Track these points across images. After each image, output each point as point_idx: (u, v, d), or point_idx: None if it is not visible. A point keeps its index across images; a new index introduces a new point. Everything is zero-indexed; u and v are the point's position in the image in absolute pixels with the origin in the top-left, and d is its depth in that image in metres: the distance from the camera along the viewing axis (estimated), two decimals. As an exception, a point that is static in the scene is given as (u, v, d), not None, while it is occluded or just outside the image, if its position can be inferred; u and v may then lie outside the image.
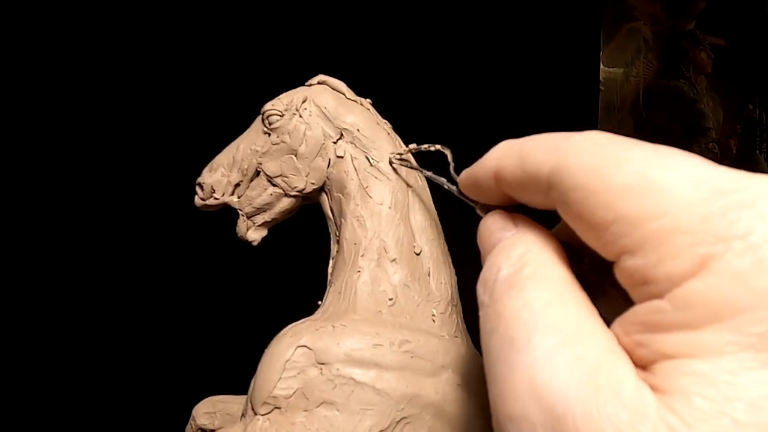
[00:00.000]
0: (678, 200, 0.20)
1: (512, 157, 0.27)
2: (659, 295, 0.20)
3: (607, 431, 0.18)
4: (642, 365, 0.20)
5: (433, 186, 0.47)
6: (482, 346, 0.24)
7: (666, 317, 0.20)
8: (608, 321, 0.22)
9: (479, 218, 0.31)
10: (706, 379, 0.18)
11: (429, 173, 0.44)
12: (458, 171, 0.34)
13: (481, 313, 0.25)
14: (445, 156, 0.41)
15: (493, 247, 0.27)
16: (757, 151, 1.18)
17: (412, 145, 0.46)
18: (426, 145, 0.45)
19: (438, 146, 0.43)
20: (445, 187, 0.39)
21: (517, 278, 0.24)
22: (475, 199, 0.32)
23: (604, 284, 0.23)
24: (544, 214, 0.27)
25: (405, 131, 0.48)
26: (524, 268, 0.24)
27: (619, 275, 0.22)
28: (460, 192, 0.34)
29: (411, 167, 0.46)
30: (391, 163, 0.46)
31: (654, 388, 0.19)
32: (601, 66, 1.15)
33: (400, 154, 0.46)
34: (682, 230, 0.19)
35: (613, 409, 0.19)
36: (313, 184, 0.47)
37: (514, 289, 0.24)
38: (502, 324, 0.23)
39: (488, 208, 0.31)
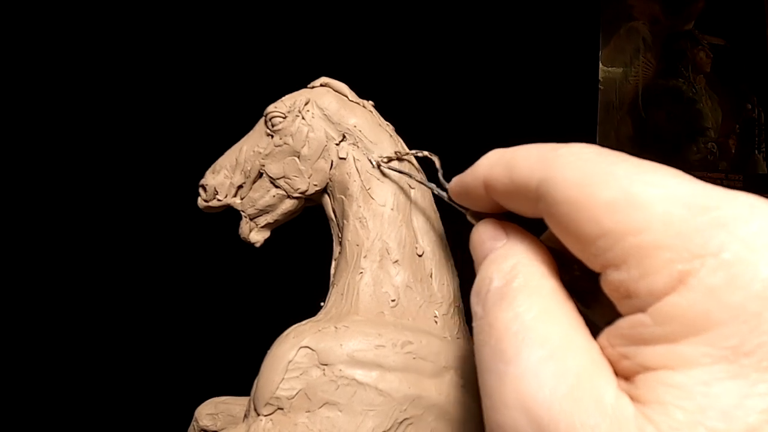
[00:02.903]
0: (659, 216, 0.20)
1: (501, 167, 0.27)
2: (642, 309, 0.21)
3: None
4: (625, 376, 0.21)
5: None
6: (476, 357, 0.25)
7: (647, 331, 0.20)
8: (600, 327, 0.23)
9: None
10: (682, 390, 0.19)
11: (418, 178, 0.44)
12: (449, 175, 0.34)
13: (474, 324, 0.26)
14: (435, 162, 0.42)
15: (484, 256, 0.28)
16: (756, 151, 1.18)
17: (399, 151, 0.46)
18: (414, 151, 0.45)
19: (426, 153, 0.44)
20: (435, 192, 0.39)
21: (508, 290, 0.25)
22: (465, 206, 0.33)
23: (595, 292, 0.24)
24: (533, 220, 0.27)
25: (407, 132, 0.48)
26: (515, 279, 0.25)
27: (605, 287, 0.22)
28: (450, 198, 0.34)
29: (401, 172, 0.45)
30: (379, 166, 0.46)
31: (634, 399, 0.20)
32: (600, 65, 1.15)
33: (388, 158, 0.46)
34: (662, 246, 0.20)
35: (595, 419, 0.20)
36: (315, 185, 0.47)
37: (505, 301, 0.24)
38: (493, 336, 0.24)
39: (479, 215, 0.31)
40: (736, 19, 1.19)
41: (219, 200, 0.48)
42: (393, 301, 0.44)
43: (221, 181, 0.48)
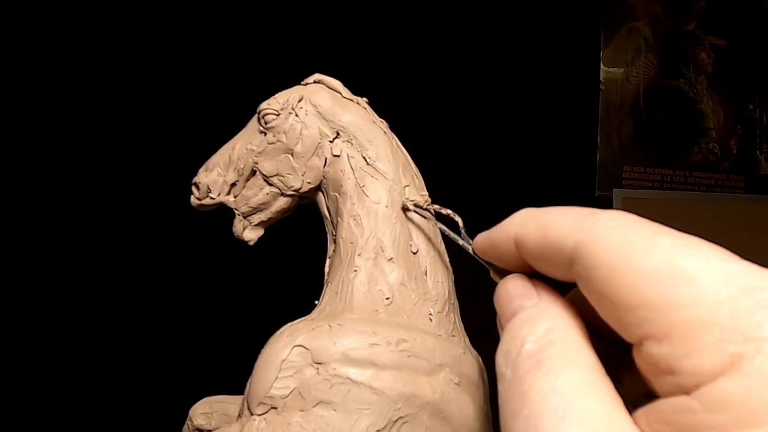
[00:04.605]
0: (707, 293, 0.19)
1: (535, 225, 0.27)
2: (686, 389, 0.19)
3: None
4: None
5: (431, 186, 0.47)
6: (502, 424, 0.23)
7: (696, 418, 0.19)
8: (625, 403, 0.22)
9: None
10: None
11: (444, 228, 0.43)
12: (471, 232, 0.34)
13: (501, 388, 0.24)
14: (458, 222, 0.41)
15: (513, 314, 0.27)
16: (758, 151, 1.17)
17: (426, 200, 0.46)
18: (438, 206, 0.45)
19: (449, 211, 0.43)
20: (459, 243, 0.39)
21: (544, 357, 0.23)
22: (490, 261, 0.32)
23: (622, 365, 0.23)
24: (557, 282, 0.26)
25: (401, 130, 0.48)
26: (551, 346, 0.24)
27: (640, 360, 0.21)
28: (474, 253, 0.33)
29: (426, 217, 0.45)
30: (405, 209, 0.45)
31: None
32: (602, 66, 1.15)
33: (415, 204, 0.45)
34: (710, 324, 0.19)
35: None
36: (309, 183, 0.47)
37: (541, 370, 0.23)
38: (527, 407, 0.22)
39: (503, 272, 0.30)
40: (738, 20, 1.19)
41: (212, 198, 0.48)
42: (387, 299, 0.44)
43: (214, 179, 0.48)
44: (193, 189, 0.49)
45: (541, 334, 0.24)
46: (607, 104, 1.15)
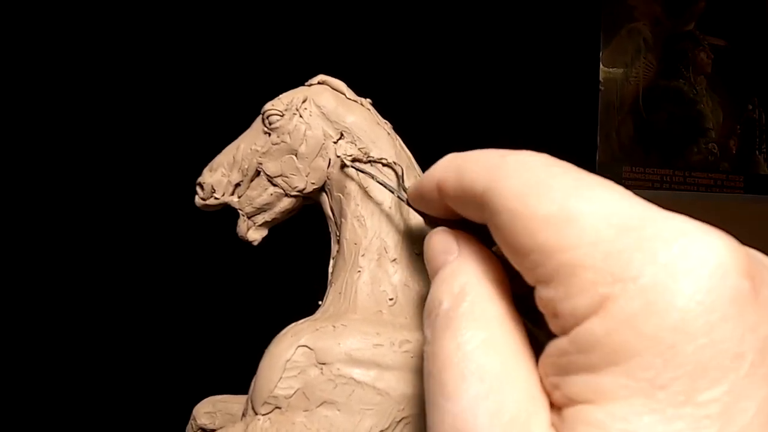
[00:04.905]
0: (588, 234, 0.20)
1: (453, 170, 0.26)
2: (565, 331, 0.20)
3: None
4: (558, 408, 0.20)
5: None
6: (424, 386, 0.24)
7: (570, 359, 0.20)
8: (544, 345, 0.22)
9: None
10: (600, 428, 0.18)
11: (381, 180, 0.43)
12: None
13: (424, 349, 0.25)
14: (397, 171, 0.42)
15: (437, 270, 0.27)
16: (757, 152, 1.18)
17: (365, 154, 0.45)
18: (381, 158, 0.45)
19: (392, 161, 0.43)
20: (396, 195, 0.39)
21: (454, 315, 0.24)
22: (422, 210, 0.32)
23: None
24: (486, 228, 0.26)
25: (405, 131, 0.48)
26: (461, 303, 0.24)
27: (538, 304, 0.22)
28: (409, 203, 0.34)
29: (363, 171, 0.44)
30: (343, 165, 0.45)
31: None
32: (601, 66, 1.15)
33: (354, 158, 0.45)
34: (586, 266, 0.19)
35: None
36: (313, 184, 0.47)
37: (450, 329, 0.23)
38: (436, 366, 0.23)
39: (435, 222, 0.31)
40: (737, 20, 1.19)
41: (216, 198, 0.48)
42: (391, 299, 0.44)
43: (218, 179, 0.48)
44: (198, 189, 0.49)
45: (456, 291, 0.25)
46: (607, 105, 1.15)
